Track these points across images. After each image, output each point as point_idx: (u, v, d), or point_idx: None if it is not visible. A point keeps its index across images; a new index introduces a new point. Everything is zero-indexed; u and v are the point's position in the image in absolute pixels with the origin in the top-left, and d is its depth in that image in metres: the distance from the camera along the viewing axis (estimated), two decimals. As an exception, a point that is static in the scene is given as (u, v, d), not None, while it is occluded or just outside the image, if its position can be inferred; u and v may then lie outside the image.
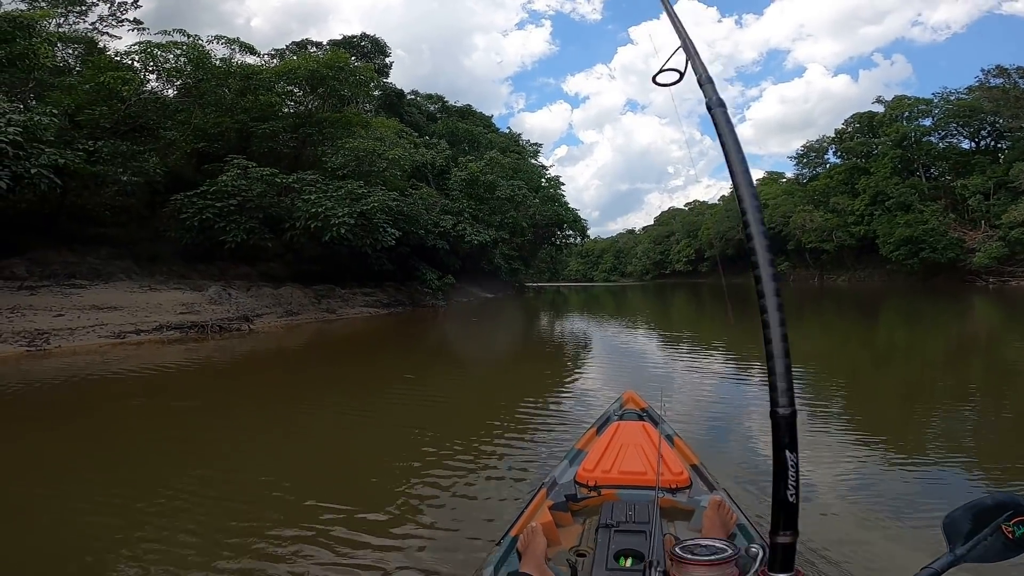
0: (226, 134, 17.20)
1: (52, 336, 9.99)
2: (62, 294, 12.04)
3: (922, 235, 38.64)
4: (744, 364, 8.41)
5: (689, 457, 2.73)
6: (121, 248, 15.56)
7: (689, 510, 2.31)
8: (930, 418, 5.44)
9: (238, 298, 15.26)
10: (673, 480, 2.43)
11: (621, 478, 2.45)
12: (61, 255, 13.97)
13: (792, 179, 59.49)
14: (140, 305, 12.62)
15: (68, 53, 18.51)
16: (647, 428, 2.91)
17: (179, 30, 15.73)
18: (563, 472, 2.60)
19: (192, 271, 16.47)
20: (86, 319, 11.02)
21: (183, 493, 3.53)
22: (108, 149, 13.06)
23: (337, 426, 5.52)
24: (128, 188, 14.20)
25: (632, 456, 2.58)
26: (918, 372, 8.41)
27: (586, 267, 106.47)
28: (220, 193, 14.78)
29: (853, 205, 45.48)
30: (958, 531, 1.02)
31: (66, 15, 19.46)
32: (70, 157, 11.33)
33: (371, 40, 34.05)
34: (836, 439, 4.54)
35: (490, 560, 1.91)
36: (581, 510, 2.36)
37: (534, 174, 38.75)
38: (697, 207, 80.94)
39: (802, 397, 5.94)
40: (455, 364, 10.28)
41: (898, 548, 2.70)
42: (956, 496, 3.19)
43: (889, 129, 44.24)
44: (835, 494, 3.38)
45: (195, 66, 15.53)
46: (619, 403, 3.40)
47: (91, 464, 4.37)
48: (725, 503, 2.21)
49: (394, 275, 22.70)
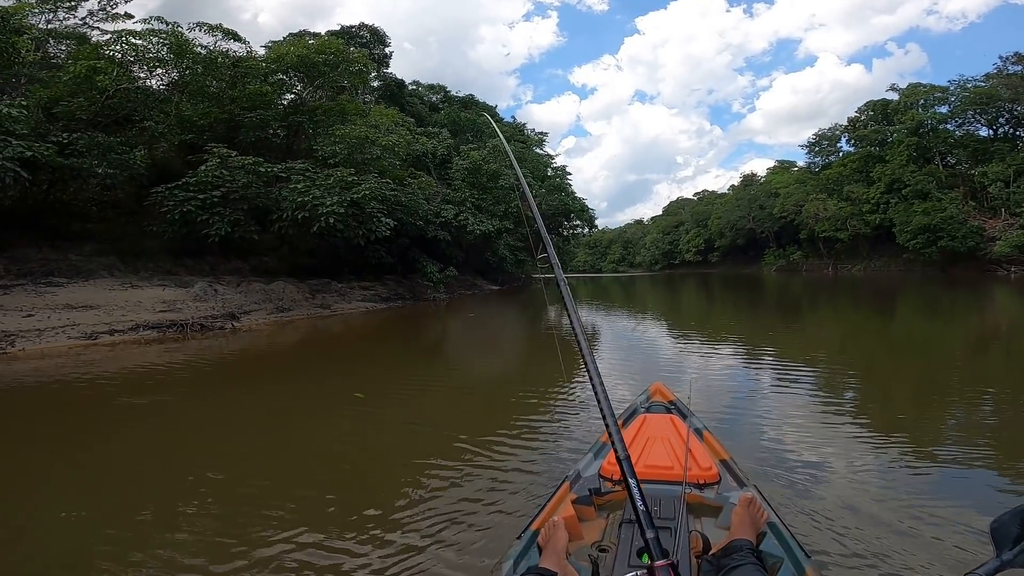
0: (215, 125, 16.55)
1: (18, 338, 9.44)
2: (36, 293, 11.50)
3: (940, 223, 37.64)
4: (772, 357, 8.26)
5: (719, 452, 2.66)
6: (106, 244, 15.05)
7: (717, 507, 2.23)
8: (951, 411, 5.24)
9: (226, 294, 14.69)
10: (701, 475, 2.35)
11: (647, 472, 2.33)
12: (41, 252, 13.46)
13: (804, 168, 58.37)
14: (118, 304, 12.05)
15: (61, 49, 18.03)
16: (675, 421, 2.84)
17: (157, 17, 15.01)
18: (587, 465, 2.54)
19: (180, 267, 15.92)
20: (56, 319, 10.47)
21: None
22: (84, 141, 12.45)
23: (329, 427, 5.22)
24: (108, 182, 13.61)
25: (659, 450, 2.51)
26: (938, 364, 7.95)
27: (594, 258, 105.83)
28: (202, 185, 14.15)
29: (868, 193, 44.52)
30: (1006, 536, 1.01)
31: (55, 10, 18.94)
32: (39, 149, 10.73)
33: (370, 30, 33.38)
34: (854, 432, 4.44)
35: (510, 554, 1.90)
36: (605, 504, 2.28)
37: (539, 163, 37.94)
38: (707, 197, 79.97)
39: (821, 390, 6.08)
40: (451, 360, 9.74)
41: (918, 544, 2.61)
42: (978, 492, 3.26)
43: (904, 117, 43.32)
44: (853, 488, 3.29)
45: (177, 55, 14.85)
46: (646, 395, 3.34)
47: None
48: (756, 500, 2.12)
49: (394, 268, 22.13)
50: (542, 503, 2.29)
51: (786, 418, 4.82)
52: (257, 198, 15.14)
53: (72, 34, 18.02)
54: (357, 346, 11.94)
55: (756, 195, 61.54)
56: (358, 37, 32.24)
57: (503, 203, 27.60)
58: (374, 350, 11.18)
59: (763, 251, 60.87)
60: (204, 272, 16.00)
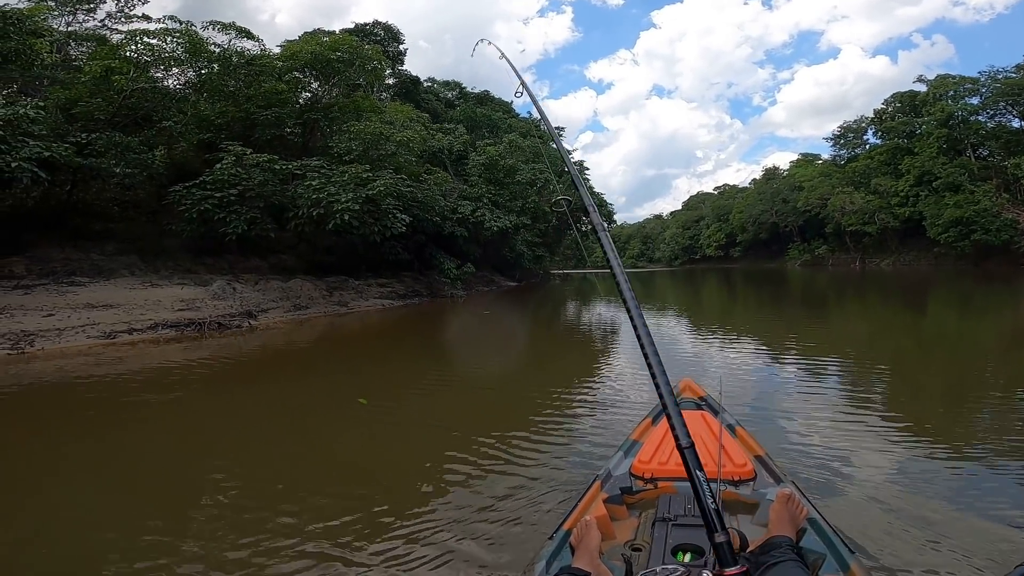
0: (231, 124, 16.60)
1: (38, 338, 9.51)
2: (58, 292, 11.60)
3: (973, 216, 36.37)
4: (801, 353, 8.11)
5: (753, 448, 2.61)
6: (128, 243, 15.19)
7: (753, 503, 2.18)
8: (987, 409, 5.10)
9: (243, 292, 14.71)
10: (736, 472, 2.31)
11: (679, 470, 2.17)
12: (64, 252, 13.60)
13: (829, 161, 56.99)
14: (137, 302, 12.11)
15: (81, 51, 18.29)
16: (706, 417, 2.79)
17: (171, 17, 15.07)
18: (617, 464, 2.52)
19: (200, 265, 16.01)
20: (76, 319, 10.54)
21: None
22: (102, 141, 12.52)
23: (347, 426, 5.17)
24: (127, 181, 13.70)
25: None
26: (972, 361, 7.66)
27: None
28: (219, 183, 14.17)
29: (897, 186, 43.20)
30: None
31: (74, 13, 19.22)
32: (56, 149, 10.79)
33: (384, 27, 33.35)
34: (888, 429, 4.34)
35: (542, 554, 1.88)
36: (637, 503, 2.26)
37: (556, 158, 37.61)
38: (727, 191, 78.72)
39: (853, 386, 6.00)
40: (469, 357, 9.56)
41: (957, 541, 2.55)
42: (1014, 491, 3.20)
43: (933, 108, 41.81)
44: (889, 484, 3.25)
45: (192, 54, 14.88)
46: (675, 391, 3.13)
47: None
48: (795, 496, 2.05)
49: (411, 265, 22.06)
50: (573, 503, 2.26)
51: (817, 414, 4.73)
52: (273, 196, 15.13)
53: (92, 36, 18.27)
54: (374, 344, 11.88)
55: (779, 189, 60.28)
56: (372, 35, 32.22)
57: (520, 199, 27.37)
58: (390, 348, 11.09)
59: (787, 246, 59.63)
60: (223, 270, 16.07)
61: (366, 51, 18.90)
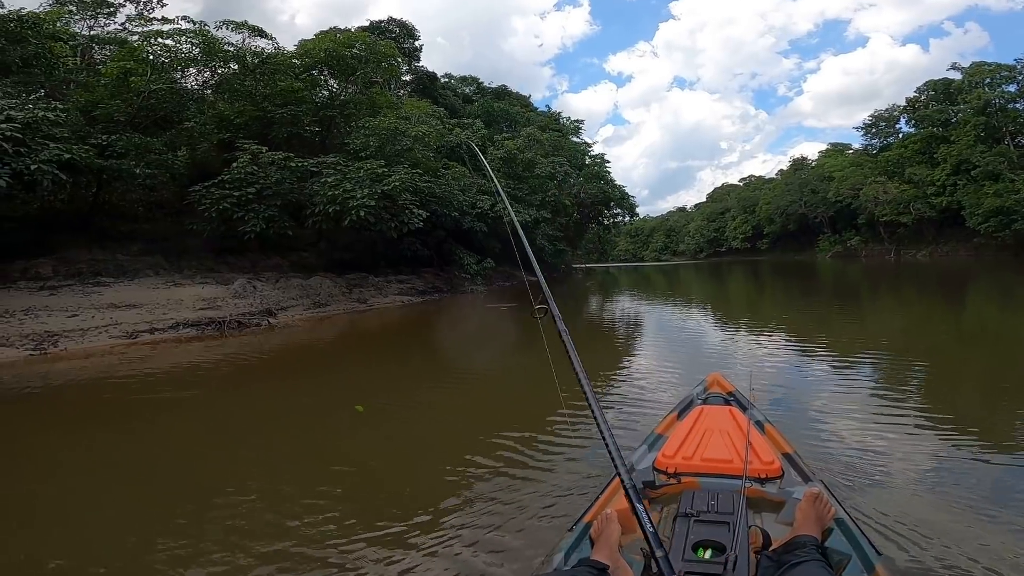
0: (249, 123, 16.69)
1: (61, 338, 9.63)
2: (83, 293, 11.79)
3: (1015, 205, 34.96)
4: (833, 349, 7.78)
5: (782, 445, 2.55)
6: (152, 244, 15.40)
7: (779, 502, 2.12)
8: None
9: (264, 291, 14.78)
10: (762, 469, 2.25)
11: (704, 465, 2.30)
12: (90, 253, 13.84)
13: (860, 150, 55.29)
14: (160, 302, 12.23)
15: (104, 55, 18.61)
16: (734, 413, 2.74)
17: (184, 17, 15.17)
18: (641, 458, 2.50)
19: (222, 264, 16.16)
20: (100, 319, 10.66)
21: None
22: (122, 143, 12.65)
23: (363, 424, 5.06)
24: (149, 182, 13.84)
25: (717, 442, 2.44)
26: (1014, 358, 7.14)
27: (636, 246, 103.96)
28: (237, 182, 14.24)
29: (933, 175, 41.78)
30: None
31: (95, 16, 19.53)
32: (76, 152, 10.90)
33: (399, 24, 33.35)
34: (922, 427, 4.15)
35: (561, 546, 1.90)
36: (659, 498, 2.23)
37: (576, 151, 37.17)
38: (754, 182, 77.05)
39: (888, 382, 5.77)
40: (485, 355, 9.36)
41: (990, 545, 2.44)
42: None
43: (970, 96, 40.31)
44: (921, 485, 3.13)
45: (207, 54, 14.96)
46: (703, 386, 3.25)
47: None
48: (823, 495, 2.01)
49: (430, 261, 21.99)
50: (594, 496, 2.25)
51: (850, 411, 4.55)
52: (290, 193, 15.16)
53: (114, 39, 18.56)
54: (392, 341, 11.80)
55: (807, 179, 58.66)
56: (387, 32, 32.21)
57: (539, 192, 27.09)
58: (408, 346, 10.96)
59: (816, 237, 58.06)
60: (245, 269, 16.19)
61: (380, 47, 18.79)
